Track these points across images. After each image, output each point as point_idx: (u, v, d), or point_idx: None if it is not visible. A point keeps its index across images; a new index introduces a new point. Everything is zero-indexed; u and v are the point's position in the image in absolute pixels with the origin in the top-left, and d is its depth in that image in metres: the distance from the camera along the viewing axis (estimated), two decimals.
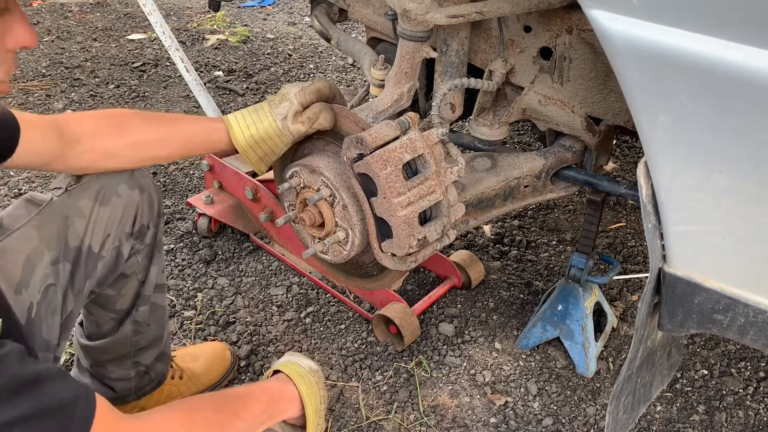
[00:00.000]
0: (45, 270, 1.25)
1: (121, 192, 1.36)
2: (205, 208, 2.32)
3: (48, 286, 1.25)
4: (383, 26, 1.91)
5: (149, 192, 1.42)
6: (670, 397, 1.87)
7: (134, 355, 1.56)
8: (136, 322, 1.52)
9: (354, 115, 1.42)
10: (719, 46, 0.90)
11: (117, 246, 1.38)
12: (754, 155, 0.96)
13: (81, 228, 1.31)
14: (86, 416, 0.94)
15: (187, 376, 1.75)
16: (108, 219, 1.34)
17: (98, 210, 1.33)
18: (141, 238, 1.44)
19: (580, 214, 2.58)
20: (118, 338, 1.52)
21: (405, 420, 1.78)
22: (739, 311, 1.11)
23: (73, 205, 1.30)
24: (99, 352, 1.55)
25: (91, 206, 1.32)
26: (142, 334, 1.55)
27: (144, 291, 1.50)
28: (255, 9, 4.63)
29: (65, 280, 1.29)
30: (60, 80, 3.54)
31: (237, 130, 1.38)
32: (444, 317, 2.09)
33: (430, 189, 1.33)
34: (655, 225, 1.14)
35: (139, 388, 1.62)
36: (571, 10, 1.46)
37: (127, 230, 1.39)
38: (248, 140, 1.38)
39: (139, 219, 1.41)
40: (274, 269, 2.28)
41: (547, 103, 1.59)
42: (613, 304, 2.13)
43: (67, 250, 1.29)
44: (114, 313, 1.50)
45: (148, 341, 1.57)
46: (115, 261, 1.39)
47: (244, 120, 1.39)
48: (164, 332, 1.61)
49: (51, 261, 1.26)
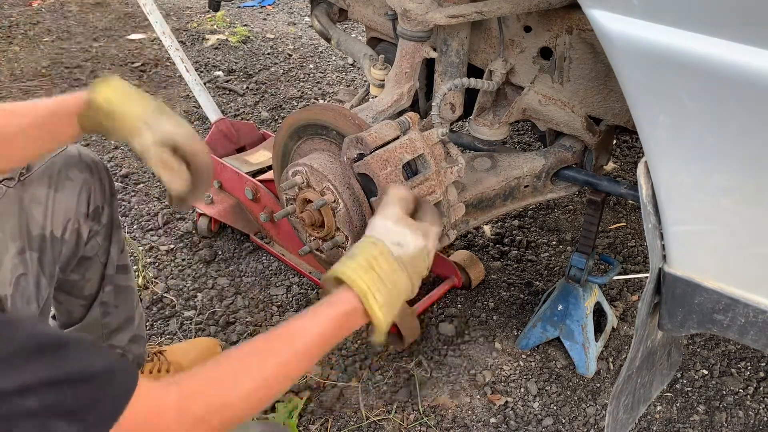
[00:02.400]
0: (13, 261, 1.25)
1: (73, 176, 1.36)
2: (205, 208, 2.32)
3: (19, 277, 1.25)
4: (383, 26, 1.91)
5: (99, 172, 1.42)
6: (670, 397, 1.87)
7: (107, 338, 1.57)
8: (102, 303, 1.53)
9: (354, 115, 1.42)
10: (719, 46, 0.90)
11: (77, 228, 1.39)
12: (754, 155, 0.96)
13: (40, 215, 1.31)
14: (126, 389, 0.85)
15: (174, 370, 1.76)
16: (65, 203, 1.35)
17: (54, 196, 1.33)
18: (97, 219, 1.44)
19: (580, 214, 2.58)
20: (88, 322, 1.53)
21: (405, 420, 1.78)
22: (740, 311, 1.11)
23: (28, 194, 1.30)
24: None
25: (46, 193, 1.32)
26: (111, 315, 1.55)
27: (107, 272, 1.51)
28: (255, 9, 4.63)
29: (35, 268, 1.29)
30: (60, 80, 3.53)
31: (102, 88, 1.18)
32: (444, 317, 2.09)
33: (430, 189, 1.33)
34: (655, 225, 1.14)
35: None
36: (571, 10, 1.46)
37: (83, 212, 1.39)
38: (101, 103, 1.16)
39: (93, 200, 1.41)
40: (274, 269, 2.28)
41: (547, 103, 1.59)
42: (613, 304, 2.13)
43: (31, 239, 1.29)
44: (83, 299, 1.51)
45: (118, 323, 1.57)
46: (76, 244, 1.40)
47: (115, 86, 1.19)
48: (134, 314, 1.61)
49: (17, 251, 1.26)
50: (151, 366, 1.73)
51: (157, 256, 2.33)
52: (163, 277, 2.24)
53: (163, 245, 2.38)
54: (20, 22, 4.22)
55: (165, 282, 2.21)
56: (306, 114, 1.50)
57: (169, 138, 1.13)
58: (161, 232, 2.45)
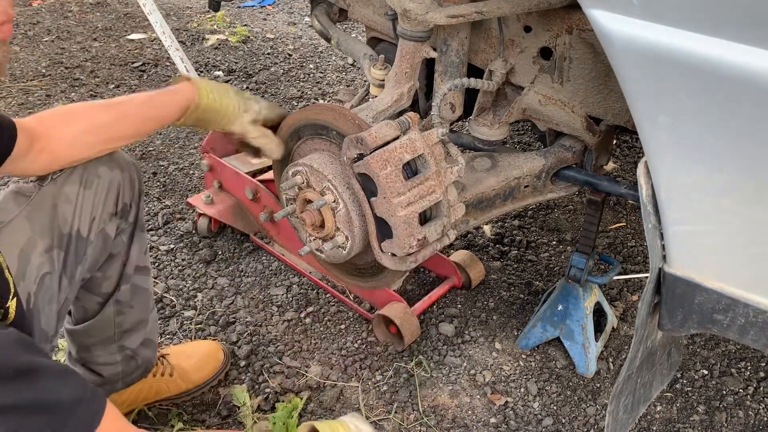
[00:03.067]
0: (40, 259, 1.26)
1: (102, 173, 1.37)
2: (205, 208, 2.32)
3: (44, 275, 1.26)
4: (383, 26, 1.91)
5: (129, 171, 1.44)
6: (670, 397, 1.87)
7: (119, 338, 1.56)
8: (117, 302, 1.53)
9: (354, 115, 1.42)
10: (719, 46, 0.90)
11: (102, 228, 1.39)
12: (754, 155, 0.96)
13: (69, 214, 1.32)
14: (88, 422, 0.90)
15: (177, 374, 1.76)
16: (93, 202, 1.36)
17: (83, 194, 1.34)
18: (125, 217, 1.46)
19: (580, 214, 2.58)
20: (101, 319, 1.53)
21: (405, 420, 1.78)
22: (740, 311, 1.11)
23: (60, 192, 1.32)
24: (83, 335, 1.54)
25: (76, 191, 1.33)
26: (124, 315, 1.55)
27: (126, 270, 1.51)
28: (255, 9, 4.63)
29: (59, 267, 1.30)
30: (60, 80, 3.54)
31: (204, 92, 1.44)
32: (444, 317, 2.09)
33: (430, 189, 1.33)
34: (655, 225, 1.14)
35: (127, 374, 1.62)
36: (571, 10, 1.46)
37: (110, 210, 1.40)
38: (209, 103, 1.44)
39: (122, 198, 1.42)
40: (274, 269, 2.28)
41: (547, 103, 1.59)
42: (613, 304, 2.13)
43: (60, 237, 1.31)
44: (100, 296, 1.51)
45: (131, 324, 1.57)
46: (104, 242, 1.41)
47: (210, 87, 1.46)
48: (148, 317, 1.61)
49: (45, 249, 1.27)
50: (154, 370, 1.73)
51: (157, 256, 2.33)
52: (163, 277, 2.24)
53: (163, 245, 2.38)
54: (20, 22, 4.22)
55: (165, 282, 2.21)
56: (306, 114, 1.50)
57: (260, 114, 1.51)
58: (161, 232, 2.45)
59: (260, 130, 1.51)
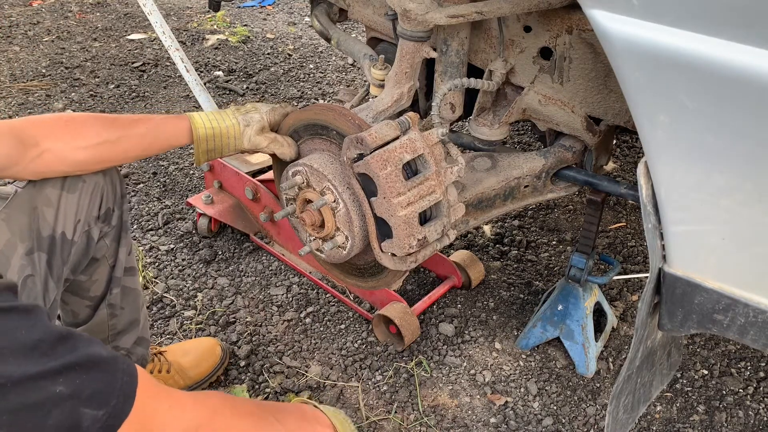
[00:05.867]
0: (20, 262, 1.25)
1: (86, 178, 1.37)
2: (205, 208, 2.32)
3: (26, 278, 1.26)
4: (383, 26, 1.91)
5: (111, 175, 1.44)
6: (670, 397, 1.87)
7: (113, 339, 1.58)
8: (110, 305, 1.54)
9: (354, 115, 1.42)
10: (719, 46, 0.90)
11: (87, 230, 1.40)
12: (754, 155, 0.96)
13: (51, 217, 1.32)
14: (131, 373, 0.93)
15: (175, 370, 1.77)
16: (77, 205, 1.36)
17: (66, 197, 1.34)
18: (108, 221, 1.46)
19: (580, 214, 2.58)
20: (95, 323, 1.54)
21: (405, 420, 1.78)
22: (739, 311, 1.11)
23: (39, 194, 1.31)
24: None
25: (58, 194, 1.33)
26: (117, 317, 1.56)
27: (115, 274, 1.52)
28: (255, 9, 4.63)
29: (43, 270, 1.30)
30: (60, 80, 3.54)
31: (199, 122, 1.44)
32: (444, 317, 2.09)
33: (430, 189, 1.33)
34: (655, 225, 1.14)
35: None
36: (571, 10, 1.46)
37: (94, 214, 1.41)
38: (207, 131, 1.44)
39: (105, 202, 1.43)
40: (274, 269, 2.28)
41: (547, 103, 1.59)
42: (613, 304, 2.13)
43: (40, 240, 1.30)
44: (89, 300, 1.52)
45: (124, 325, 1.59)
46: (86, 245, 1.41)
47: (207, 117, 1.47)
48: (140, 316, 1.62)
49: (25, 252, 1.27)
50: (151, 366, 1.73)
51: (157, 256, 2.33)
52: (163, 277, 2.24)
53: (163, 245, 2.38)
54: (20, 22, 4.22)
55: (165, 282, 2.21)
56: (306, 114, 1.50)
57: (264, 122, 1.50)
58: (161, 232, 2.45)
59: (269, 138, 1.50)
